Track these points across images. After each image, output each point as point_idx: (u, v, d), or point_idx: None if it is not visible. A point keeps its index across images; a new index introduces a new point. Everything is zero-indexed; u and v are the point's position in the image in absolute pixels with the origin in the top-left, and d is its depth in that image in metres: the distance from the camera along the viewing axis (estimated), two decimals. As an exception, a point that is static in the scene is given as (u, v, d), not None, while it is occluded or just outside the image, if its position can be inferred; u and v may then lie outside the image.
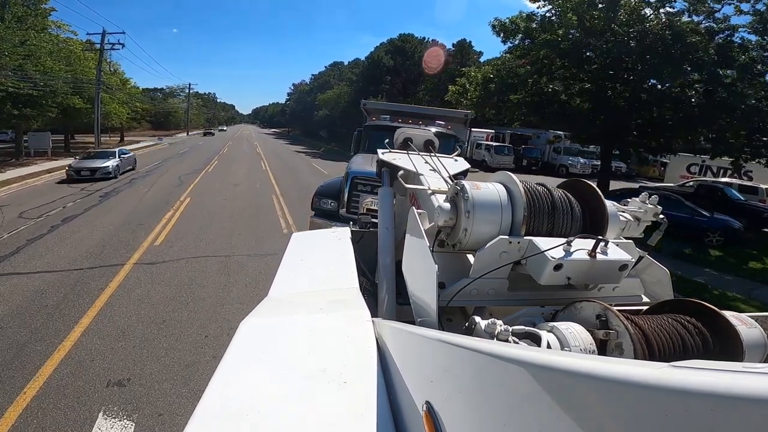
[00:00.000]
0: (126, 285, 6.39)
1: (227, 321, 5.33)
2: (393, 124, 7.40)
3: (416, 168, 2.28)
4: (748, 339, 1.00)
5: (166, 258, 7.67)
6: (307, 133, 67.63)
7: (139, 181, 16.51)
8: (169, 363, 4.45)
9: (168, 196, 13.70)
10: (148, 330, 5.09)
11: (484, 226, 1.40)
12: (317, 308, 1.51)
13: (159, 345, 4.79)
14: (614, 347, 1.00)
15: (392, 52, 39.60)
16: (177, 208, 12.01)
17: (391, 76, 38.33)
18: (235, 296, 6.19)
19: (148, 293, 6.13)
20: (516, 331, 1.01)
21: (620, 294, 1.47)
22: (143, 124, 59.36)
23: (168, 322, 5.31)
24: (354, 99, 38.94)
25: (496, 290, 1.40)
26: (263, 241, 9.29)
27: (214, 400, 0.98)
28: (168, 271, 7.05)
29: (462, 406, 0.71)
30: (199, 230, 9.77)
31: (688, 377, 0.39)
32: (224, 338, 4.86)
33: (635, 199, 1.77)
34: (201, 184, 16.18)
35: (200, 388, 1.81)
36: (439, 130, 7.09)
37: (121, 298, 5.92)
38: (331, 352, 1.22)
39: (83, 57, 25.36)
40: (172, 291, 6.25)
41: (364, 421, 0.94)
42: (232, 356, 1.16)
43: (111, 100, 29.03)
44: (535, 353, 0.63)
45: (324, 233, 2.77)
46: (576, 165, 29.95)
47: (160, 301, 5.91)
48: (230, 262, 7.68)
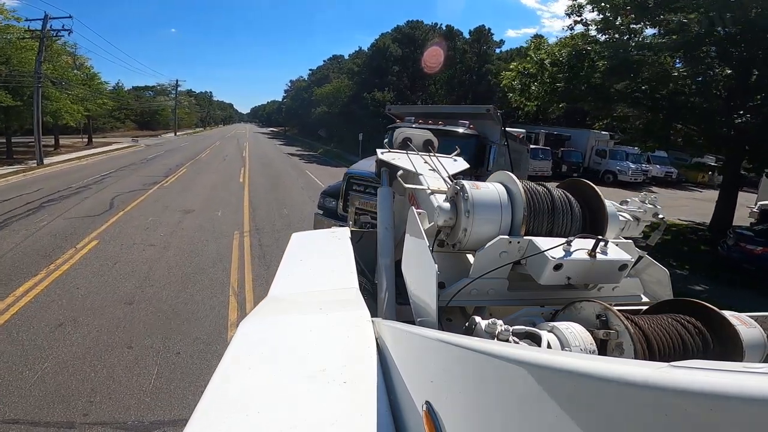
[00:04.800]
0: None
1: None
2: (414, 126, 6.73)
3: (415, 168, 2.26)
4: (748, 339, 1.00)
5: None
6: (304, 132, 62.63)
7: (50, 207, 11.26)
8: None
9: (67, 236, 8.50)
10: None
11: (484, 226, 1.41)
12: (317, 308, 1.49)
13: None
14: (614, 347, 1.00)
15: (399, 40, 34.31)
16: (59, 265, 6.86)
17: (398, 67, 33.02)
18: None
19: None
20: (516, 331, 1.00)
21: (620, 294, 1.48)
22: (127, 123, 55.77)
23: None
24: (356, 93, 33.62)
25: (496, 290, 1.41)
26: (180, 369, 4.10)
27: (214, 399, 0.98)
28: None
29: (462, 406, 0.70)
30: (56, 329, 4.55)
31: (688, 377, 0.38)
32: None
33: (635, 199, 1.81)
34: (135, 213, 10.93)
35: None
36: (460, 130, 7.10)
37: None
38: (331, 352, 1.21)
39: (18, 46, 20.23)
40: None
41: (364, 421, 0.94)
42: (232, 356, 1.16)
43: (61, 96, 23.75)
44: (535, 353, 0.61)
45: (323, 233, 2.71)
46: (627, 171, 24.70)
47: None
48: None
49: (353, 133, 32.09)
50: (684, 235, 12.32)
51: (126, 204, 11.84)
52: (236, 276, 7.12)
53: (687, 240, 11.82)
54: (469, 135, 7.24)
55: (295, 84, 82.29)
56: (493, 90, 31.65)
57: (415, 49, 33.91)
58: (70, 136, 34.55)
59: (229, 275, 7.16)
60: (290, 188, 16.33)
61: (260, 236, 9.30)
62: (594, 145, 26.56)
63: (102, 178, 16.59)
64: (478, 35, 33.99)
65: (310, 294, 1.70)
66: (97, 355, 4.58)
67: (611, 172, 24.87)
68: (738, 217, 17.72)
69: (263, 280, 6.96)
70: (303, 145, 47.76)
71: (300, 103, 61.79)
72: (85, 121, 30.62)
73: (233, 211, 11.52)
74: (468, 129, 7.33)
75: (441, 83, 33.69)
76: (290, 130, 79.18)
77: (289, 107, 75.10)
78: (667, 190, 24.85)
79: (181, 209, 11.50)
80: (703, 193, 26.67)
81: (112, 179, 16.33)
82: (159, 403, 3.90)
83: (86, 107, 28.41)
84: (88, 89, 29.92)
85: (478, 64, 32.80)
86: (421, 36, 34.19)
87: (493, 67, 31.80)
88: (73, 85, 27.11)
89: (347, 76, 40.52)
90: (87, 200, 12.23)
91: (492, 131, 7.89)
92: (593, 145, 26.62)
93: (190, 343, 4.98)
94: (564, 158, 25.45)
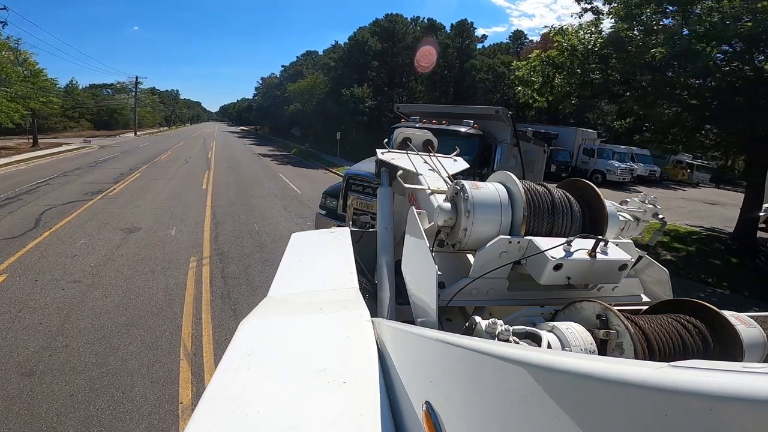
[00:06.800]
0: None
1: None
2: (417, 125, 6.88)
3: (415, 168, 2.26)
4: (748, 339, 1.01)
5: None
6: (276, 130, 59.85)
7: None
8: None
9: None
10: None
11: (484, 226, 1.40)
12: (317, 308, 1.48)
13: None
14: (614, 347, 1.00)
15: (378, 34, 32.47)
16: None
17: (378, 62, 31.17)
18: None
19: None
20: (516, 331, 0.99)
21: (620, 294, 1.48)
22: (83, 123, 52.13)
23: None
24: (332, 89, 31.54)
25: (496, 290, 1.41)
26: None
27: (214, 399, 0.98)
28: None
29: (461, 406, 0.70)
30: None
31: (688, 377, 0.39)
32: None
33: (634, 199, 1.83)
34: (64, 233, 8.68)
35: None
36: (462, 129, 7.02)
37: None
38: (330, 352, 1.20)
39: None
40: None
41: (364, 421, 0.93)
42: (232, 356, 1.15)
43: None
44: (535, 353, 0.60)
45: (323, 233, 2.63)
46: (616, 171, 23.94)
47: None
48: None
49: (330, 131, 30.18)
50: (706, 245, 11.19)
51: (56, 220, 9.56)
52: (190, 328, 5.23)
53: (713, 251, 10.67)
54: (472, 135, 7.07)
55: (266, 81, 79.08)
56: (476, 87, 30.40)
57: (394, 44, 32.19)
58: (13, 137, 30.92)
59: (181, 326, 5.25)
60: (262, 196, 14.26)
61: (224, 264, 7.34)
62: (581, 143, 25.68)
63: (37, 186, 14.01)
64: (460, 29, 32.60)
65: (310, 294, 1.67)
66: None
67: (600, 172, 24.05)
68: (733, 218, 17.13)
69: (229, 332, 5.11)
70: (275, 145, 45.14)
71: (272, 101, 58.90)
72: (30, 121, 27.28)
73: (191, 229, 9.43)
74: (471, 129, 7.16)
75: (422, 79, 32.11)
76: (262, 128, 75.85)
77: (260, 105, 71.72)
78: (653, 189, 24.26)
79: (124, 227, 9.33)
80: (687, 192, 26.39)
81: (49, 187, 13.80)
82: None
83: (28, 105, 25.31)
84: (31, 86, 26.72)
85: (460, 59, 31.40)
86: (401, 30, 32.48)
87: (477, 62, 30.51)
88: (12, 82, 23.99)
89: (323, 71, 38.26)
90: (9, 216, 9.84)
91: (501, 132, 7.65)
92: (580, 143, 25.74)
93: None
94: (552, 157, 24.37)
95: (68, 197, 12.17)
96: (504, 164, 7.57)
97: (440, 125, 7.11)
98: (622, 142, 30.58)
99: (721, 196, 25.07)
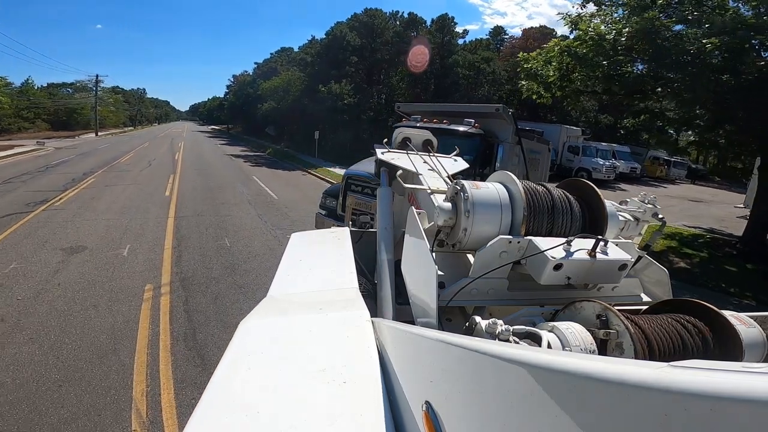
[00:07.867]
0: None
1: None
2: (417, 125, 6.74)
3: (415, 167, 2.25)
4: (748, 338, 1.00)
5: None
6: (249, 130, 57.45)
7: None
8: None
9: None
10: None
11: (484, 226, 1.40)
12: (317, 308, 1.46)
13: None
14: (614, 347, 0.99)
15: (357, 29, 31.14)
16: None
17: (357, 58, 29.85)
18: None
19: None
20: (516, 331, 0.98)
21: (620, 294, 1.47)
22: (38, 124, 48.84)
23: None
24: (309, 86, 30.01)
25: (496, 290, 1.40)
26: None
27: (214, 399, 0.96)
28: None
29: (461, 406, 0.70)
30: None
31: (688, 377, 0.39)
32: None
33: (634, 199, 1.80)
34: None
35: None
36: (462, 128, 6.89)
37: None
38: (330, 352, 1.19)
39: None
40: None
41: (364, 421, 0.92)
42: (232, 356, 1.14)
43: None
44: (535, 353, 0.60)
45: (323, 233, 2.63)
46: (601, 169, 23.63)
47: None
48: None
49: (307, 130, 28.69)
50: (716, 249, 10.60)
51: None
52: (144, 384, 3.99)
53: (725, 256, 10.07)
54: (473, 134, 6.96)
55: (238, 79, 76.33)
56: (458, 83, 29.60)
57: (374, 39, 30.97)
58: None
59: (131, 382, 4.02)
60: (234, 203, 12.81)
61: (188, 293, 6.01)
62: (566, 140, 25.26)
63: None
64: (441, 24, 31.65)
65: (310, 294, 1.66)
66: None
67: (585, 170, 23.68)
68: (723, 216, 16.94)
69: (197, 388, 3.92)
70: (249, 145, 43.02)
71: (245, 99, 56.50)
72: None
73: (148, 247, 7.98)
74: (472, 128, 7.02)
75: (402, 75, 31.01)
76: (234, 128, 72.93)
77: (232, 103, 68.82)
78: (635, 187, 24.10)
79: (65, 246, 7.79)
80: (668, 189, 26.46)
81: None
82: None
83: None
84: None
85: (440, 55, 30.49)
86: (380, 25, 31.25)
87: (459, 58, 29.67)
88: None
89: (299, 67, 36.51)
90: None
91: (502, 130, 7.46)
92: (565, 140, 25.31)
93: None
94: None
95: (5, 209, 10.41)
96: (506, 163, 7.42)
97: (441, 124, 6.95)
98: (603, 139, 30.52)
99: (702, 193, 25.23)
